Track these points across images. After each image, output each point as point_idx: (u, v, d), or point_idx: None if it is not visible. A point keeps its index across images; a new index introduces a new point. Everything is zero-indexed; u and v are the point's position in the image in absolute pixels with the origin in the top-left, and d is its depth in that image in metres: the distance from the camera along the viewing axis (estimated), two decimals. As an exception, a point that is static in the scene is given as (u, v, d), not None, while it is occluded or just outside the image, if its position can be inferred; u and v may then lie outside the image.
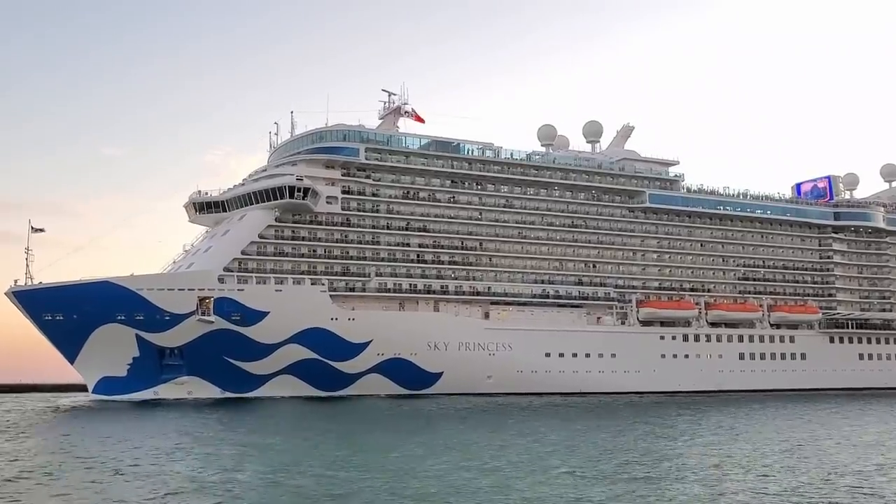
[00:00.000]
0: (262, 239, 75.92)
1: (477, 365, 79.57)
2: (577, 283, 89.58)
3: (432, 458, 32.24)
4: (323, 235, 78.55)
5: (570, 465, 30.47)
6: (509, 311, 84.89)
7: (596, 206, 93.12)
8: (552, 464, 30.91)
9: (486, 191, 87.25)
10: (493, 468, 29.82)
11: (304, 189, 74.98)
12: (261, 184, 77.03)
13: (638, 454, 34.19)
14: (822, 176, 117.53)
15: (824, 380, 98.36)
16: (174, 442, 39.26)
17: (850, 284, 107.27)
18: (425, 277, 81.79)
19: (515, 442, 39.13)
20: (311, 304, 74.49)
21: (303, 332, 73.85)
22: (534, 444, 37.70)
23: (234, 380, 73.77)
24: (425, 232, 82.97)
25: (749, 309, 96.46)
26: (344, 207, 79.67)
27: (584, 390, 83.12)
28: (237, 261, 74.59)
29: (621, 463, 31.18)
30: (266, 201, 75.65)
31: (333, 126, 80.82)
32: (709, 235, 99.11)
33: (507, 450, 35.56)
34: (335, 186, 79.47)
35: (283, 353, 73.85)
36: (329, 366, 75.16)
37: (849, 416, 58.72)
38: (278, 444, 38.89)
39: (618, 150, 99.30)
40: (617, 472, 28.96)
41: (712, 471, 29.78)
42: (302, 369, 74.75)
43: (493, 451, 34.69)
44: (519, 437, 41.40)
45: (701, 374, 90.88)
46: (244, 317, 72.54)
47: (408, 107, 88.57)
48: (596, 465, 30.80)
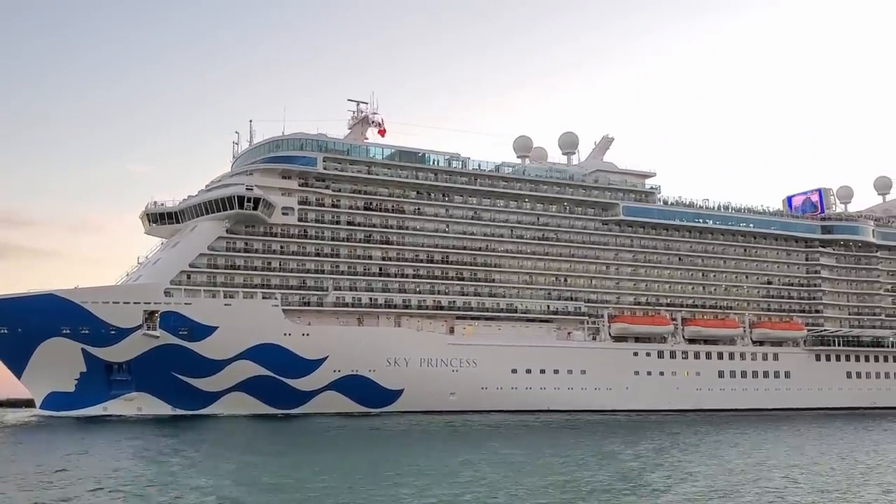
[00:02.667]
0: (213, 251, 74.12)
1: (439, 381, 77.24)
2: (546, 297, 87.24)
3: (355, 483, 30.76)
4: (278, 247, 76.67)
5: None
6: (475, 325, 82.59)
7: (568, 219, 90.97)
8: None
9: (453, 202, 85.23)
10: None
11: (255, 199, 73.19)
12: (212, 194, 75.41)
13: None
14: (814, 189, 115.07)
15: (810, 399, 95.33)
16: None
17: (837, 300, 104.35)
18: (387, 291, 79.69)
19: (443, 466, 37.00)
20: (263, 318, 72.51)
21: (254, 348, 71.82)
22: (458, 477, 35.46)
23: (184, 396, 71.76)
24: (388, 244, 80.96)
25: (729, 325, 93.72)
26: (301, 218, 77.81)
27: (552, 408, 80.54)
28: (186, 273, 72.82)
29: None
30: (217, 212, 73.86)
31: (291, 135, 79.18)
32: (687, 249, 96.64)
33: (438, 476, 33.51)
34: (291, 197, 77.67)
35: (234, 370, 71.81)
36: (283, 383, 73.02)
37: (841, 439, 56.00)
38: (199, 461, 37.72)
39: (595, 162, 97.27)
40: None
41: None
42: (254, 386, 72.62)
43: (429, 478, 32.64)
44: (466, 462, 39.17)
45: (677, 393, 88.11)
46: (192, 331, 70.63)
47: (377, 117, 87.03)
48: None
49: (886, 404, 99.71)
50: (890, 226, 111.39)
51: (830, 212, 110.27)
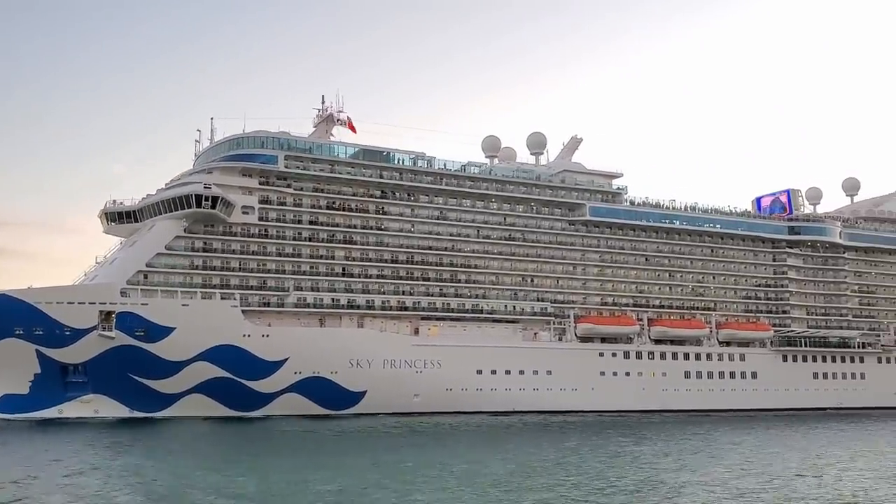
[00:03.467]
0: (171, 251, 73.00)
1: (403, 383, 76.54)
2: (513, 297, 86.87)
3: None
4: (238, 247, 75.66)
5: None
6: (440, 326, 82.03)
7: (535, 219, 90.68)
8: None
9: (419, 202, 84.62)
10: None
11: (213, 198, 72.15)
12: (170, 192, 74.31)
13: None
14: (782, 190, 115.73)
15: (776, 400, 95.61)
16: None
17: (804, 301, 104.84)
18: (350, 292, 78.95)
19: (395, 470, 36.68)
20: (221, 319, 71.50)
21: (213, 350, 70.80)
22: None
23: (141, 398, 70.55)
24: (351, 244, 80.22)
25: (695, 325, 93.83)
26: (261, 218, 76.85)
27: (517, 409, 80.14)
28: (143, 273, 71.65)
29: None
30: (175, 211, 72.78)
31: (252, 133, 78.24)
32: (654, 250, 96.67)
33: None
34: (252, 196, 76.71)
35: (193, 371, 70.74)
36: (242, 385, 72.04)
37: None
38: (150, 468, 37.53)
39: (563, 163, 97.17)
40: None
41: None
42: (213, 388, 71.58)
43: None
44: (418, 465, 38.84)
45: (643, 393, 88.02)
46: (149, 332, 69.50)
47: (342, 115, 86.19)
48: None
49: (852, 405, 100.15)
50: (857, 227, 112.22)
51: (799, 213, 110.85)
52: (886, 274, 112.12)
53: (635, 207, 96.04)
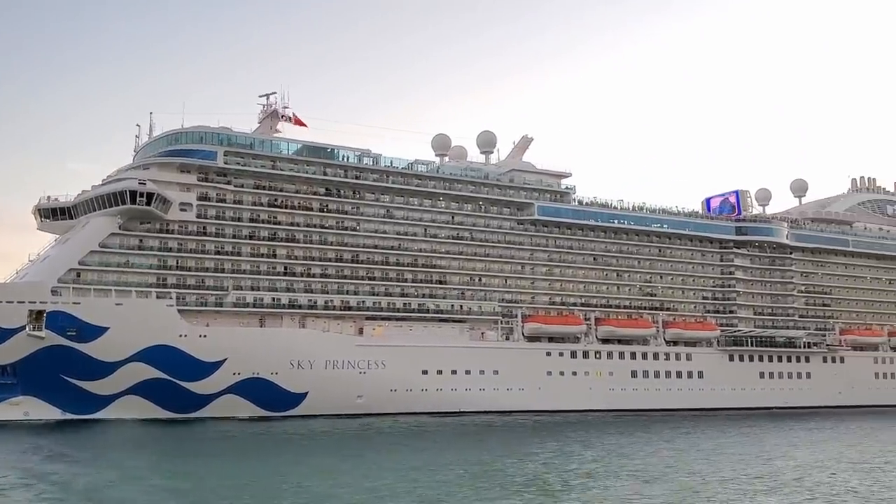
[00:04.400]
0: (105, 248, 71.24)
1: (346, 384, 75.65)
2: (460, 297, 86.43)
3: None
4: (175, 245, 74.13)
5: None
6: (385, 326, 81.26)
7: (483, 218, 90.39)
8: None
9: (364, 200, 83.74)
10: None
11: (149, 194, 70.56)
12: (105, 188, 72.55)
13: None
14: (731, 191, 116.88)
15: (723, 399, 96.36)
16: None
17: (751, 301, 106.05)
18: (291, 291, 77.79)
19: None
20: (157, 319, 69.91)
21: (148, 350, 69.22)
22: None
23: (74, 400, 68.70)
24: (293, 242, 79.10)
25: (642, 325, 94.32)
26: (200, 215, 75.41)
27: (463, 409, 79.72)
28: (75, 272, 69.82)
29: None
30: (109, 207, 71.02)
31: (190, 128, 76.71)
32: (602, 249, 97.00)
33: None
34: (190, 192, 75.23)
35: (128, 372, 69.08)
36: (179, 386, 70.54)
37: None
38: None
39: (513, 162, 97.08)
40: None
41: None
42: (149, 389, 69.99)
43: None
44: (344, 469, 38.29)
45: (590, 393, 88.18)
46: (81, 332, 67.67)
47: (288, 111, 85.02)
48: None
49: (798, 404, 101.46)
50: (803, 228, 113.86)
51: (747, 213, 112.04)
52: (832, 274, 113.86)
53: (583, 207, 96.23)
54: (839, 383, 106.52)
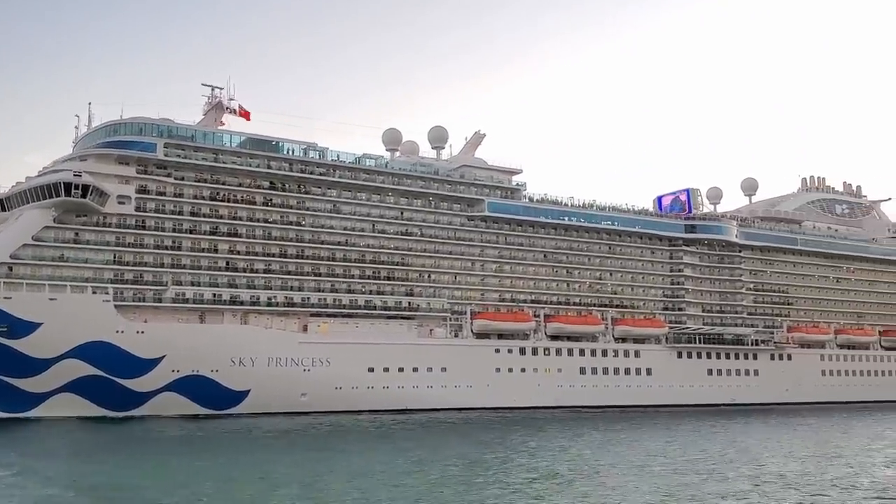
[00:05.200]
0: (39, 242, 69.36)
1: (289, 382, 74.75)
2: (408, 293, 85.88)
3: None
4: (112, 239, 72.41)
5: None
6: (331, 323, 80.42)
7: (433, 214, 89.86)
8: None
9: (310, 194, 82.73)
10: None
11: (84, 186, 68.86)
12: (40, 180, 70.70)
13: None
14: (682, 189, 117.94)
15: (671, 396, 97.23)
16: None
17: (700, 298, 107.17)
18: (233, 287, 76.56)
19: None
20: (92, 314, 68.32)
21: (83, 346, 67.68)
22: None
23: (6, 398, 67.00)
24: (236, 237, 77.85)
25: (591, 322, 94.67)
26: (139, 208, 73.80)
27: (411, 407, 79.35)
28: (7, 266, 67.89)
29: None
30: (44, 199, 69.18)
31: (129, 119, 75.01)
32: (552, 246, 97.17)
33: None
34: (129, 185, 73.60)
35: (62, 369, 67.50)
36: (116, 383, 69.08)
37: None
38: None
39: (464, 158, 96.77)
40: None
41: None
42: (85, 387, 68.47)
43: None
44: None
45: (538, 390, 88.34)
46: (12, 328, 65.91)
47: (233, 103, 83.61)
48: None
49: (746, 401, 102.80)
50: (753, 226, 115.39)
51: (697, 212, 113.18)
52: (781, 272, 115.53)
53: (534, 204, 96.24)
54: (786, 380, 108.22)
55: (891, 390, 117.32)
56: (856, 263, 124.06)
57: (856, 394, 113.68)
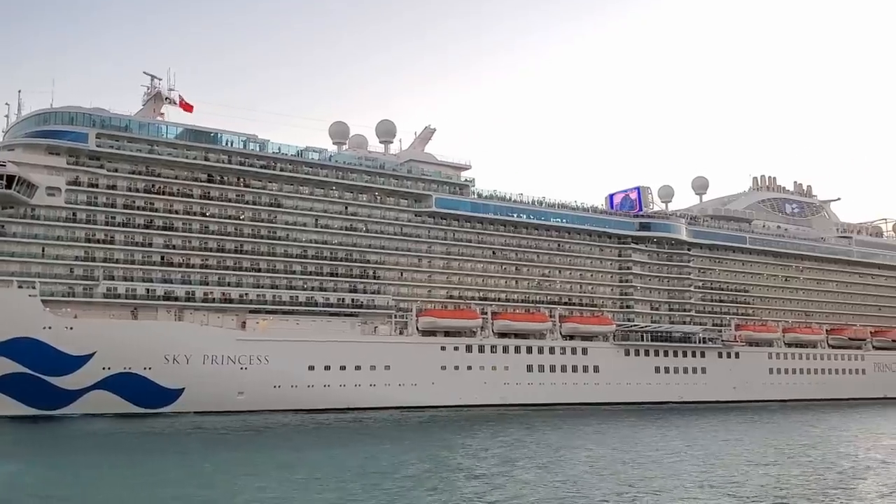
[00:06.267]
0: (-38, 235, 67.19)
1: (226, 380, 73.39)
2: (352, 290, 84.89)
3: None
4: (40, 232, 70.38)
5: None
6: (271, 320, 79.16)
7: (379, 210, 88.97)
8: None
9: (250, 188, 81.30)
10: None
11: (9, 177, 66.68)
12: (-38, 170, 68.26)
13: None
14: (633, 187, 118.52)
15: (618, 394, 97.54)
16: None
17: (649, 297, 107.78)
18: (168, 282, 74.92)
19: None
20: (18, 310, 66.21)
21: (9, 343, 65.66)
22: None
23: (-77, 398, 64.72)
24: (172, 231, 76.22)
25: (538, 319, 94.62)
26: (69, 201, 71.87)
27: (353, 405, 78.57)
28: (-73, 259, 65.63)
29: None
30: (-33, 190, 66.97)
31: (61, 108, 73.03)
32: (501, 243, 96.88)
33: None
34: (59, 176, 71.60)
35: (-15, 367, 65.37)
36: (43, 381, 67.18)
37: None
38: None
39: (413, 153, 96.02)
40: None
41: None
42: (10, 385, 66.48)
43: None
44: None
45: (484, 387, 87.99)
46: (-68, 324, 63.69)
47: (173, 93, 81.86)
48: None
49: (694, 398, 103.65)
50: (701, 225, 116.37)
51: (648, 209, 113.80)
52: (729, 271, 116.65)
53: (482, 200, 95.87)
54: (734, 378, 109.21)
55: (838, 388, 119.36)
56: (804, 262, 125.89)
57: (803, 392, 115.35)
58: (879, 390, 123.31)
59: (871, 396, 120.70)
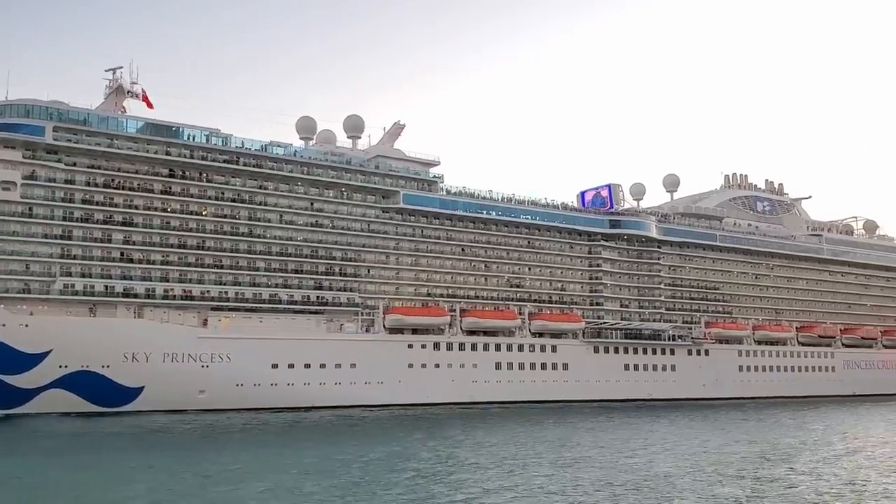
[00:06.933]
0: (-87, 230, 65.77)
1: (187, 378, 72.41)
2: (317, 287, 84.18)
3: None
4: (-4, 227, 69.20)
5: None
6: (233, 317, 78.28)
7: (346, 206, 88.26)
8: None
9: (213, 183, 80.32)
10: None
11: (-39, 171, 65.53)
12: (-87, 164, 66.94)
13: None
14: (604, 184, 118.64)
15: (587, 391, 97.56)
16: None
17: (619, 294, 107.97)
18: (128, 279, 73.84)
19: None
20: (-29, 307, 65.05)
21: (-40, 340, 64.39)
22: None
23: None
24: (132, 227, 75.14)
25: (507, 317, 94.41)
26: (25, 195, 70.56)
27: (318, 404, 77.86)
28: None
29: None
30: (-83, 185, 65.63)
31: (16, 100, 71.76)
32: (470, 240, 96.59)
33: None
34: (14, 170, 70.28)
35: (-64, 366, 64.10)
36: (-2, 380, 65.93)
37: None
38: None
39: (382, 148, 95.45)
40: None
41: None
42: (-39, 384, 65.18)
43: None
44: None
45: (452, 385, 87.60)
46: None
47: (136, 87, 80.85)
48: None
49: (664, 396, 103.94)
50: (671, 222, 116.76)
51: (619, 207, 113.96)
52: (699, 268, 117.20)
53: (451, 197, 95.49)
54: (704, 376, 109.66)
55: (807, 386, 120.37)
56: (775, 260, 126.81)
57: (773, 389, 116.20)
58: (849, 388, 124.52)
59: (841, 394, 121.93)
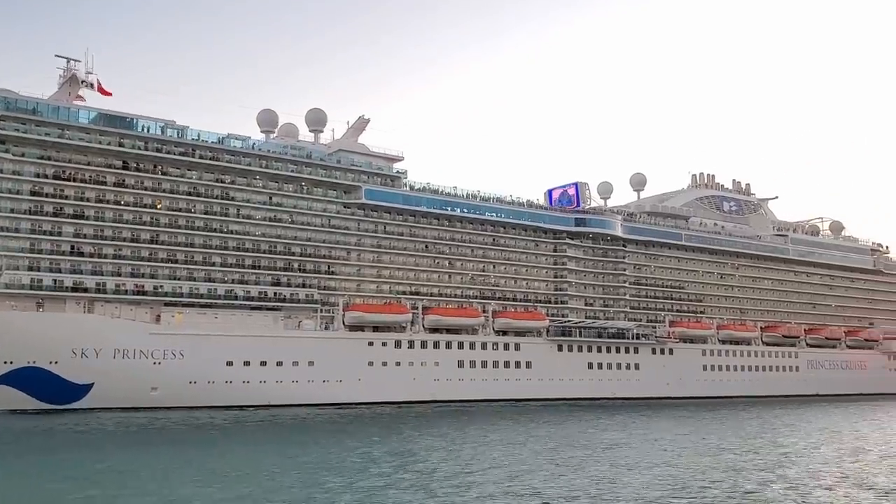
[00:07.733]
0: None
1: (138, 375, 70.95)
2: (275, 283, 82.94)
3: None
4: (-63, 218, 67.28)
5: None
6: (187, 313, 76.82)
7: (306, 200, 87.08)
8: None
9: (168, 175, 78.77)
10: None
11: None
12: None
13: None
14: (571, 183, 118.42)
15: (551, 390, 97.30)
16: None
17: (583, 292, 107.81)
18: (77, 273, 72.14)
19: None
20: None
21: None
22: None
23: None
24: (82, 219, 73.44)
25: (470, 314, 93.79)
26: (-29, 186, 68.79)
27: (273, 402, 76.65)
28: None
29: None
30: None
31: (-40, 88, 69.83)
32: (434, 237, 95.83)
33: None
34: (-41, 161, 68.49)
35: None
36: (-63, 376, 64.09)
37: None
38: None
39: (345, 143, 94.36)
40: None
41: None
42: None
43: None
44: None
45: (413, 384, 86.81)
46: None
47: (91, 77, 79.13)
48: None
49: (627, 395, 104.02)
50: (637, 221, 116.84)
51: (586, 205, 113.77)
52: (664, 267, 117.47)
53: (414, 193, 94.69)
54: (667, 375, 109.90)
55: (771, 385, 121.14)
56: (740, 260, 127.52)
57: (737, 388, 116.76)
58: (813, 387, 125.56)
59: (805, 393, 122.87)
